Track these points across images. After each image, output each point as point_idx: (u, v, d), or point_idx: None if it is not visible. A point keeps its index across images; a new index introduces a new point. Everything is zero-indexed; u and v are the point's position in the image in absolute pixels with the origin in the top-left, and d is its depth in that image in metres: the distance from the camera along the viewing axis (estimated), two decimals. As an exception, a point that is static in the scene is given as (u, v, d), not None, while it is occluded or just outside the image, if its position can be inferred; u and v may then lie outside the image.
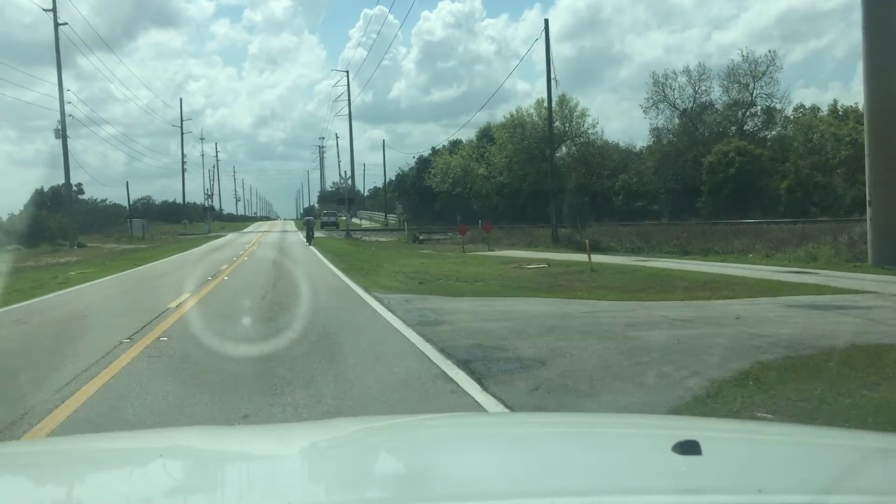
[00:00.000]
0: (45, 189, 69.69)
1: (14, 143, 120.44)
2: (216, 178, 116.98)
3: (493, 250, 28.51)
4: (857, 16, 17.31)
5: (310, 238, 37.23)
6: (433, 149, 63.50)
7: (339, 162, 68.90)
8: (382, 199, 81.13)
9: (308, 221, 43.76)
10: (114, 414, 5.53)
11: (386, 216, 68.59)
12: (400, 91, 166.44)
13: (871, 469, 1.66)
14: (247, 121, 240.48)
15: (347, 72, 64.55)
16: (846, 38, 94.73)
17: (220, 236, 54.13)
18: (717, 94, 50.12)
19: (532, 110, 56.30)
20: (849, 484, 1.48)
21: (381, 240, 43.88)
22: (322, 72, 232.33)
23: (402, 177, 64.90)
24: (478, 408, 5.48)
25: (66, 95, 43.48)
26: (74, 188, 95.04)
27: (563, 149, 56.86)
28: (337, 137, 68.08)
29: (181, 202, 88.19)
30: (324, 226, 64.07)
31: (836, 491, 1.42)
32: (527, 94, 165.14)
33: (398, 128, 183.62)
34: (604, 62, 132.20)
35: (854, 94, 77.02)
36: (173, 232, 63.15)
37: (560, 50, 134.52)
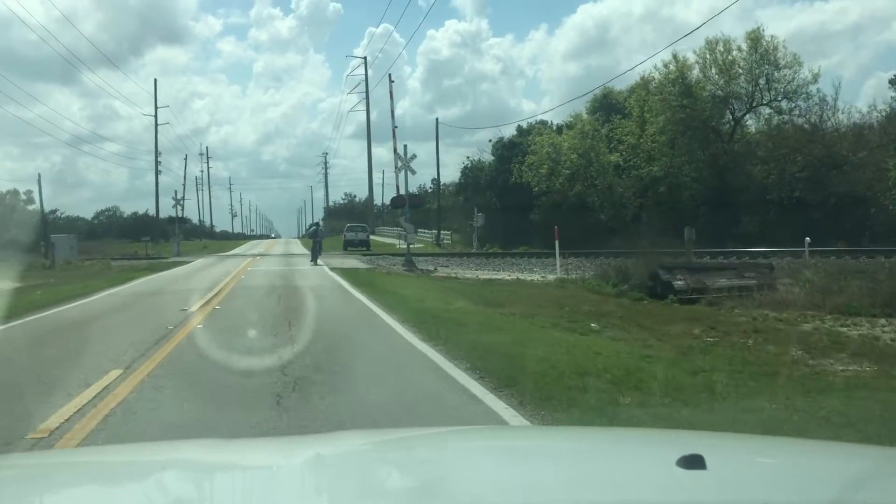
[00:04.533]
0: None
1: (16, 159, 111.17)
2: (201, 187, 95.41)
3: None
4: None
5: (315, 254, 28.20)
6: (519, 128, 41.25)
7: (394, 128, 47.60)
8: (419, 210, 59.21)
9: (315, 233, 30.51)
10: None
11: (439, 233, 46.28)
12: (404, 109, 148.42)
13: (876, 482, 1.57)
14: (250, 138, 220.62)
15: (365, 58, 61.82)
16: None
17: (184, 263, 32.06)
18: None
19: (695, 58, 34.48)
20: (855, 497, 1.41)
21: (497, 277, 21.23)
22: (326, 91, 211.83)
23: (472, 171, 42.38)
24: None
25: (70, 112, 23.65)
26: (23, 196, 74.56)
27: (751, 119, 34.96)
28: (391, 79, 48.48)
29: (154, 215, 67.20)
30: (347, 245, 42.24)
31: None
32: (532, 112, 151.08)
33: (400, 146, 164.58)
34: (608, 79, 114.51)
35: None
36: (128, 253, 41.08)
37: (567, 69, 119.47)
